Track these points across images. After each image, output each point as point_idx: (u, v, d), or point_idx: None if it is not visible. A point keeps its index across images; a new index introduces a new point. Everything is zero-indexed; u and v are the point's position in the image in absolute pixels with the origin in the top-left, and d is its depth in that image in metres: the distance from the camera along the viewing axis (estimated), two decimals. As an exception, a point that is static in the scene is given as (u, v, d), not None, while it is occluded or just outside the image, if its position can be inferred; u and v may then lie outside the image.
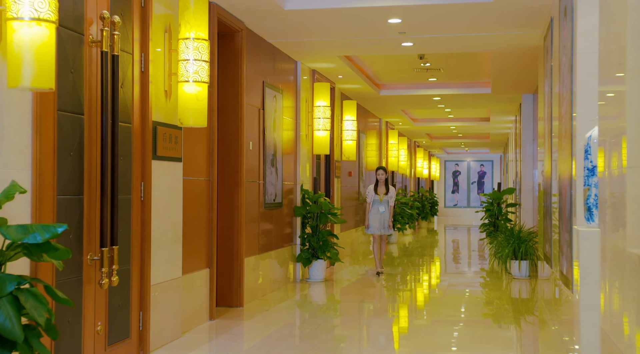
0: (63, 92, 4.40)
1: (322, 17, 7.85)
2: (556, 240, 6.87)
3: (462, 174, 33.95)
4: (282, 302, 8.53)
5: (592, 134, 4.56)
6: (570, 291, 5.54)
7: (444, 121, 19.86)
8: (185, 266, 6.38)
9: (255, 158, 8.45)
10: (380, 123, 18.14)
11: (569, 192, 5.71)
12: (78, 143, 4.58)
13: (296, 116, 10.16)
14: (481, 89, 13.46)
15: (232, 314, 7.55)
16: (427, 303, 9.46)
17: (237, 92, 7.79)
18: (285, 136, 9.61)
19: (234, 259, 7.79)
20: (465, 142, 28.06)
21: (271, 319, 7.56)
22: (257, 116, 8.49)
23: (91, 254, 4.70)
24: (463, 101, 14.75)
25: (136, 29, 5.42)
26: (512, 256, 10.72)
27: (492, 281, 11.02)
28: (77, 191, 4.57)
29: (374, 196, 10.94)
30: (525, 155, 13.69)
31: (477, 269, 12.99)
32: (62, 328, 4.37)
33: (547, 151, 7.84)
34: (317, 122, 10.47)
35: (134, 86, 5.38)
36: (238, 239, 7.78)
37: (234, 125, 7.80)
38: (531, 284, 10.22)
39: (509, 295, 9.69)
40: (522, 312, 8.39)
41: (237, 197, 7.79)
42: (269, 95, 8.86)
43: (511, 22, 7.99)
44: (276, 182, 9.16)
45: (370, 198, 10.97)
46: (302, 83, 10.28)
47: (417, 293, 10.37)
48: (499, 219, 14.73)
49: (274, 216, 9.10)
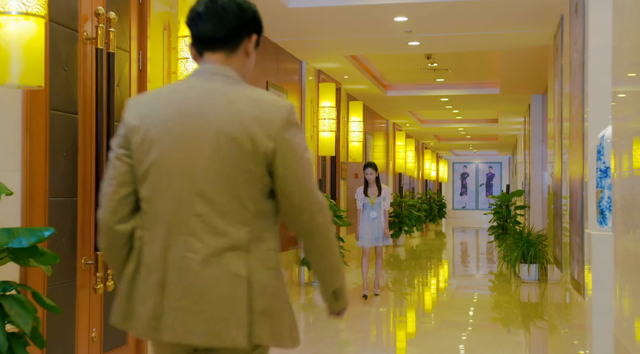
0: (55, 90, 4.25)
1: (327, 14, 7.70)
2: (567, 243, 6.70)
3: (471, 176, 33.74)
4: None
5: (605, 134, 4.38)
6: (581, 295, 5.36)
7: (452, 122, 19.69)
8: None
9: (259, 159, 8.28)
10: (388, 124, 17.97)
11: (580, 194, 5.53)
12: (72, 143, 4.43)
13: (301, 117, 10.00)
14: (489, 89, 13.28)
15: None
16: (435, 306, 9.29)
17: (240, 92, 7.64)
18: (289, 137, 9.44)
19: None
20: (473, 144, 27.86)
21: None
22: (260, 117, 8.33)
23: (85, 258, 4.54)
24: (471, 101, 14.57)
25: (133, 26, 5.26)
26: (521, 259, 10.53)
27: (501, 285, 10.84)
28: (71, 192, 4.42)
29: (364, 199, 8.96)
30: (535, 156, 13.50)
31: (486, 272, 12.81)
32: (54, 334, 4.21)
33: (557, 153, 7.67)
34: (323, 123, 10.31)
35: (132, 85, 5.23)
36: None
37: (236, 125, 7.64)
38: (540, 288, 10.03)
39: (518, 299, 9.50)
40: (532, 316, 8.21)
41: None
42: (272, 95, 8.70)
43: (520, 19, 7.82)
44: (280, 184, 8.98)
45: (361, 203, 9.01)
46: (307, 83, 10.12)
47: (425, 296, 10.19)
48: (507, 221, 14.52)
49: (278, 218, 8.93)
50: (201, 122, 2.07)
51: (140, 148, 2.10)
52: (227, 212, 2.06)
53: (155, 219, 2.11)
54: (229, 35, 2.16)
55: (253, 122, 2.05)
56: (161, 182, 2.09)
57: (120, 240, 2.17)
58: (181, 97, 2.13)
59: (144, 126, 2.10)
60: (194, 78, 2.17)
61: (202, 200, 2.06)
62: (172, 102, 2.12)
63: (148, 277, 2.11)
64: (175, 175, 2.08)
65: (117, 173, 2.14)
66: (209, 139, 2.06)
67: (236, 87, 2.14)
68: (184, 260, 2.06)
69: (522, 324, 7.68)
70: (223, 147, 2.05)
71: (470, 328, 7.64)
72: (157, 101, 2.16)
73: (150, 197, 2.11)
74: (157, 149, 2.08)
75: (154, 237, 2.11)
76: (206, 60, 2.18)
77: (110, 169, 2.16)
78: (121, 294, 2.21)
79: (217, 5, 2.13)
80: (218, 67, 2.16)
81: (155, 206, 2.11)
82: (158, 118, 2.10)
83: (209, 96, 2.10)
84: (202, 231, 2.06)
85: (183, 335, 2.06)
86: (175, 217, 2.08)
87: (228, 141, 2.04)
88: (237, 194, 2.06)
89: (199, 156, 2.06)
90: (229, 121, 2.06)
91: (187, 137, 2.08)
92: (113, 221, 2.15)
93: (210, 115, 2.07)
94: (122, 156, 2.14)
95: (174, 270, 2.07)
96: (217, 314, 2.03)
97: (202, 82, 2.14)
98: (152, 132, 2.09)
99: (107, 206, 2.16)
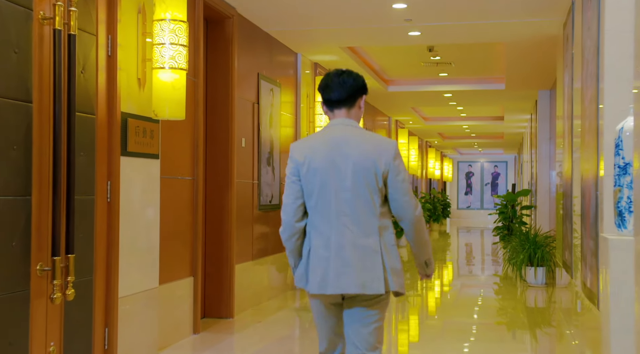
0: (4, 75, 3.77)
1: (321, 1, 7.20)
2: (577, 246, 6.20)
3: (476, 175, 33.21)
4: (279, 311, 7.89)
5: (625, 126, 3.87)
6: (595, 306, 4.86)
7: (456, 119, 19.14)
8: (163, 274, 5.74)
9: (249, 156, 7.80)
10: (390, 122, 17.47)
11: (594, 194, 5.02)
12: (25, 135, 3.94)
13: (296, 112, 9.51)
14: (495, 85, 12.76)
15: (221, 326, 6.90)
16: (439, 309, 8.80)
17: (228, 84, 7.15)
18: (283, 133, 8.96)
19: (223, 265, 7.15)
20: (478, 142, 27.30)
21: (265, 330, 6.91)
22: (250, 111, 7.85)
23: (41, 265, 4.05)
24: (476, 97, 14.05)
25: (102, 8, 4.78)
26: (528, 262, 10.03)
27: (506, 289, 10.33)
28: (23, 190, 3.93)
29: None
30: (541, 155, 12.99)
31: (491, 273, 12.29)
32: (2, 351, 3.73)
33: (566, 151, 7.17)
34: (319, 119, 9.81)
35: (99, 72, 4.75)
36: (228, 244, 7.14)
37: (223, 120, 7.15)
38: (548, 293, 9.54)
39: (524, 304, 9.00)
40: (539, 323, 7.70)
41: (227, 199, 7.15)
42: (264, 88, 8.21)
43: (527, 7, 7.30)
44: (272, 182, 8.51)
45: None
46: (302, 77, 9.62)
47: (428, 299, 9.68)
48: (513, 222, 13.98)
49: (270, 218, 8.46)
50: (343, 156, 3.27)
51: (306, 175, 3.31)
52: (364, 212, 3.26)
53: (319, 219, 3.29)
54: (349, 98, 3.36)
55: (374, 155, 3.26)
56: (323, 196, 3.28)
57: (298, 233, 3.35)
58: (328, 140, 3.31)
59: (307, 160, 3.30)
60: (333, 127, 3.35)
61: (348, 205, 3.26)
62: (323, 144, 3.31)
63: (317, 255, 3.29)
64: (331, 191, 3.27)
65: (294, 191, 3.33)
66: (348, 168, 3.26)
67: (360, 131, 3.35)
68: (340, 243, 3.25)
69: (528, 331, 7.19)
70: (358, 172, 3.25)
71: (474, 332, 7.13)
72: (314, 143, 3.35)
73: (316, 206, 3.30)
74: (318, 176, 3.28)
75: (319, 230, 3.29)
76: (336, 115, 3.38)
77: (288, 189, 3.34)
78: (301, 267, 3.35)
79: (340, 79, 3.35)
80: (345, 120, 3.36)
81: (319, 211, 3.30)
82: (316, 155, 3.29)
83: (345, 139, 3.30)
84: (351, 224, 3.25)
85: (342, 288, 3.24)
86: (332, 217, 3.27)
87: (360, 169, 3.26)
88: (368, 200, 3.25)
89: (344, 178, 3.27)
90: (360, 156, 3.26)
91: (335, 167, 3.27)
92: (294, 221, 3.33)
93: (348, 152, 3.27)
94: (295, 181, 3.34)
95: (334, 250, 3.25)
96: (364, 274, 3.23)
97: (339, 131, 3.33)
98: (313, 165, 3.28)
99: (289, 211, 3.34)
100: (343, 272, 3.22)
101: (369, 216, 3.25)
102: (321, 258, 3.26)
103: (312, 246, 3.31)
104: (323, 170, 3.26)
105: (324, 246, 3.26)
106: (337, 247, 3.24)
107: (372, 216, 3.25)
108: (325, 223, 3.26)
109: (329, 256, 3.25)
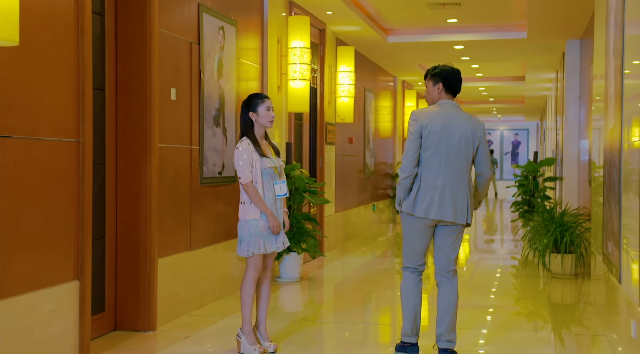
0: None
1: None
2: (629, 239, 4.28)
3: (495, 144, 31.12)
4: (228, 316, 6.02)
5: None
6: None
7: (471, 80, 17.01)
8: (16, 282, 3.89)
9: (185, 113, 5.91)
10: (395, 82, 15.45)
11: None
12: None
13: (262, 61, 7.56)
14: (514, 33, 10.72)
15: (133, 343, 5.06)
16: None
17: (143, 12, 5.23)
18: (243, 87, 7.03)
19: (140, 260, 5.29)
20: (497, 108, 25.15)
21: (196, 347, 5.06)
22: (187, 53, 5.93)
23: None
24: (492, 50, 11.99)
25: None
26: (553, 247, 8.10)
27: (526, 281, 8.40)
28: None
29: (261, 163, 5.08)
30: (569, 119, 10.99)
31: (507, 258, 10.35)
32: None
33: (615, 113, 5.27)
34: (292, 69, 7.86)
35: None
36: (146, 231, 5.27)
37: (137, 60, 5.24)
38: (577, 286, 7.64)
39: (547, 300, 7.09)
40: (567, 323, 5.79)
41: (144, 170, 5.26)
42: (210, 25, 6.28)
43: None
44: (224, 148, 6.59)
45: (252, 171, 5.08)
46: (272, 17, 7.66)
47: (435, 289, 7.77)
48: (534, 196, 11.97)
49: (220, 195, 6.57)
50: (453, 127, 4.58)
51: (426, 135, 4.56)
52: (461, 167, 4.58)
53: (430, 168, 4.54)
54: (457, 87, 4.77)
55: (473, 129, 4.62)
56: (436, 151, 4.54)
57: (412, 174, 4.55)
58: (443, 113, 4.63)
59: (429, 124, 4.56)
60: (446, 105, 4.67)
61: (452, 160, 4.56)
62: (440, 115, 4.61)
63: (425, 192, 4.54)
64: (442, 148, 4.55)
65: (415, 145, 4.55)
66: (455, 135, 4.57)
67: (462, 111, 4.69)
68: (444, 184, 4.53)
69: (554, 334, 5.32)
70: (462, 139, 4.58)
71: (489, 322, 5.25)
72: (433, 113, 4.62)
73: (430, 157, 4.54)
74: (434, 137, 4.55)
75: (429, 175, 4.54)
76: (447, 97, 4.73)
77: (411, 142, 4.56)
78: (410, 199, 4.56)
79: (454, 71, 4.78)
80: (453, 102, 4.71)
81: (431, 161, 4.54)
82: (435, 122, 4.57)
83: (454, 115, 4.64)
84: (452, 173, 4.55)
85: (441, 216, 4.54)
86: (442, 167, 4.54)
87: (464, 137, 4.59)
88: (465, 160, 4.59)
89: (452, 142, 4.56)
90: (464, 128, 4.60)
91: (447, 134, 4.57)
92: (412, 166, 4.54)
93: (455, 124, 4.60)
94: (417, 137, 4.55)
95: (439, 190, 4.53)
96: (457, 208, 4.56)
97: (451, 109, 4.67)
98: (432, 128, 4.55)
99: (410, 160, 4.55)
100: (443, 206, 4.52)
101: (464, 170, 4.58)
102: (428, 193, 4.53)
103: (421, 184, 4.54)
104: (439, 133, 4.54)
105: (432, 185, 4.52)
106: (442, 187, 4.52)
107: (466, 169, 4.60)
108: (435, 170, 4.53)
109: (434, 193, 4.52)
